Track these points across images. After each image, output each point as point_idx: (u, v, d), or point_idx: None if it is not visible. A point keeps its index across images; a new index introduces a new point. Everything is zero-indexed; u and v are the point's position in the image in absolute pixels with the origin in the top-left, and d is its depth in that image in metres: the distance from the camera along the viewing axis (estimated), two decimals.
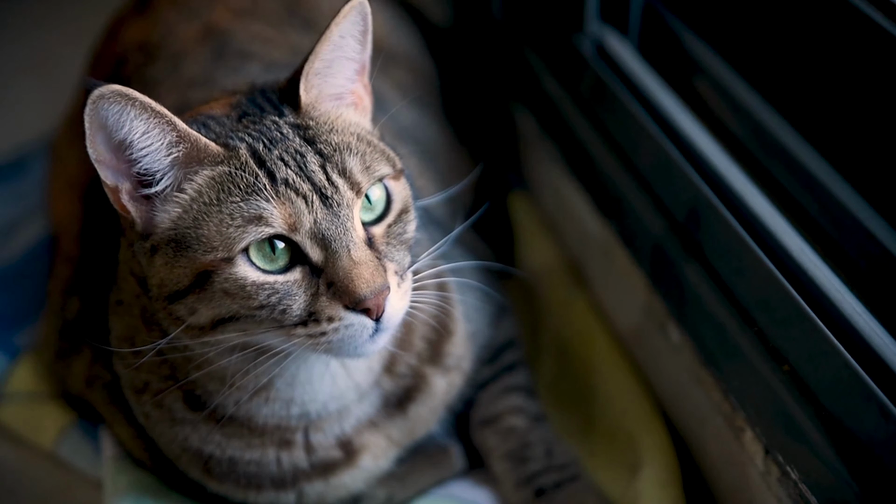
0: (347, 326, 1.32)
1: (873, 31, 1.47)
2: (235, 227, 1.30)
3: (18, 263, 2.19)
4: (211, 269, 1.31)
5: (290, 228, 1.30)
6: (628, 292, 1.86)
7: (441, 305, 1.56)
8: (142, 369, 1.51)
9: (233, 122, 1.38)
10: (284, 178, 1.31)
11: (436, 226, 1.71)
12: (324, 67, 1.40)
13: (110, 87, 1.26)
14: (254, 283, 1.31)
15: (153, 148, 1.31)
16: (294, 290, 1.32)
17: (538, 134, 2.18)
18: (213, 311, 1.33)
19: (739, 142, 1.73)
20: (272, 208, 1.30)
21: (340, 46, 1.39)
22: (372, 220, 1.38)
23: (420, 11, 2.33)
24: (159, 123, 1.30)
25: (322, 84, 1.41)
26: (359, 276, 1.30)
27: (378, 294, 1.31)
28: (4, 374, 1.94)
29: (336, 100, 1.43)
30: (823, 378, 1.41)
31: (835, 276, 1.48)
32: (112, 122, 1.28)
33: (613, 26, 2.00)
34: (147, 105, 1.28)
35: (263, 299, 1.31)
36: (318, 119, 1.40)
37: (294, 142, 1.35)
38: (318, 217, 1.31)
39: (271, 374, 1.42)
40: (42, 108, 2.48)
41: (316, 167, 1.33)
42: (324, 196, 1.32)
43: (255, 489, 1.58)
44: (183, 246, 1.32)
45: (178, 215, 1.34)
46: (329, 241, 1.31)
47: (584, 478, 1.70)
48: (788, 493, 1.46)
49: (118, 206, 1.35)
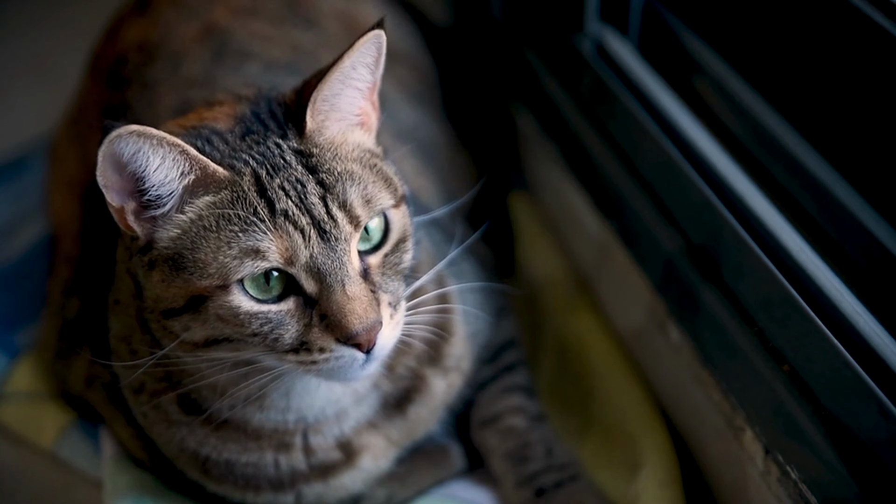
0: (338, 358, 1.33)
1: (873, 31, 1.47)
2: (232, 258, 1.29)
3: (18, 263, 2.19)
4: (206, 294, 1.31)
5: (286, 262, 1.30)
6: (628, 292, 1.86)
7: (439, 311, 1.56)
8: (137, 369, 1.51)
9: (236, 139, 1.37)
10: (284, 209, 1.31)
11: (436, 227, 1.71)
12: (332, 95, 1.38)
13: (128, 128, 1.25)
14: (247, 312, 1.31)
15: (166, 178, 1.31)
16: (287, 320, 1.32)
17: (538, 134, 2.18)
18: (206, 331, 1.34)
19: (739, 142, 1.73)
20: (269, 242, 1.29)
21: (351, 77, 1.38)
22: (368, 249, 1.38)
23: (420, 11, 2.33)
24: (173, 155, 1.29)
25: (329, 110, 1.39)
26: (352, 312, 1.30)
27: (370, 330, 1.32)
28: (4, 374, 1.94)
29: (341, 122, 1.41)
30: (823, 378, 1.41)
31: (835, 276, 1.48)
32: (127, 157, 1.28)
33: (613, 26, 2.00)
34: (162, 139, 1.27)
35: (256, 328, 1.32)
36: (322, 145, 1.38)
37: (296, 170, 1.34)
38: (314, 252, 1.30)
39: (266, 387, 1.42)
40: (42, 108, 2.48)
41: (316, 199, 1.32)
42: (322, 230, 1.31)
43: (253, 490, 1.58)
44: (180, 266, 1.32)
45: (176, 235, 1.33)
46: (324, 275, 1.31)
47: (584, 478, 1.70)
48: (788, 492, 1.46)
49: (123, 224, 1.35)
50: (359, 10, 2.08)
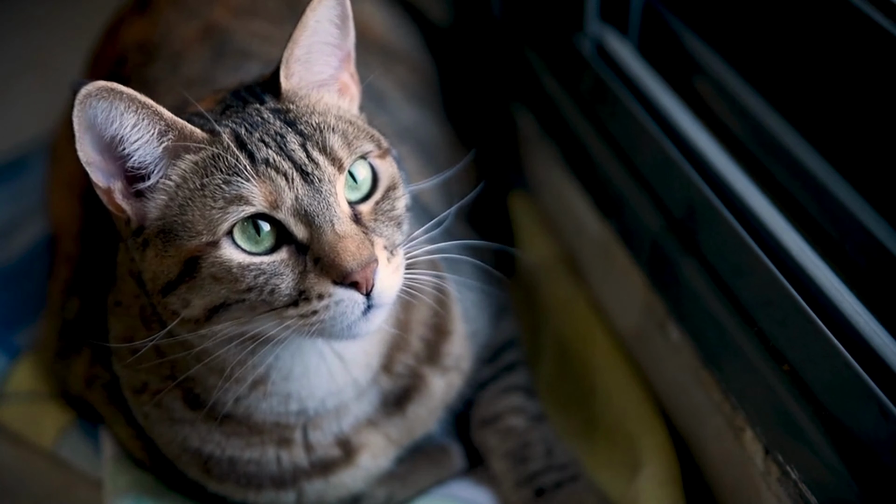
0: (338, 303, 1.31)
1: (873, 31, 1.47)
2: (218, 209, 1.30)
3: (18, 263, 2.19)
4: (198, 254, 1.31)
5: (271, 206, 1.31)
6: (628, 292, 1.86)
7: (438, 293, 1.55)
8: (141, 369, 1.51)
9: (216, 114, 1.39)
10: (265, 157, 1.32)
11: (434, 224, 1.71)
12: (303, 54, 1.40)
13: (96, 84, 1.26)
14: (240, 264, 1.31)
15: (144, 139, 1.32)
16: (281, 270, 1.32)
17: (538, 134, 2.18)
18: (204, 299, 1.33)
19: (739, 141, 1.73)
20: (252, 187, 1.30)
21: (318, 31, 1.40)
22: (359, 199, 1.38)
23: (420, 11, 2.33)
24: (148, 114, 1.30)
25: (303, 71, 1.41)
26: (344, 250, 1.30)
27: (365, 266, 1.30)
28: (4, 374, 1.95)
29: (319, 86, 1.43)
30: (823, 378, 1.41)
31: (835, 276, 1.48)
32: (101, 119, 1.29)
33: (613, 26, 2.00)
34: (134, 97, 1.29)
35: (251, 281, 1.31)
36: (300, 103, 1.40)
37: (274, 125, 1.36)
38: (299, 193, 1.31)
39: (267, 361, 1.42)
40: (42, 108, 2.48)
41: (296, 146, 1.33)
42: (304, 172, 1.32)
43: (254, 488, 1.58)
44: (171, 235, 1.33)
45: (164, 203, 1.34)
46: (312, 216, 1.31)
47: (584, 477, 1.70)
48: (788, 492, 1.46)
49: (112, 206, 1.36)
50: (359, 10, 2.07)
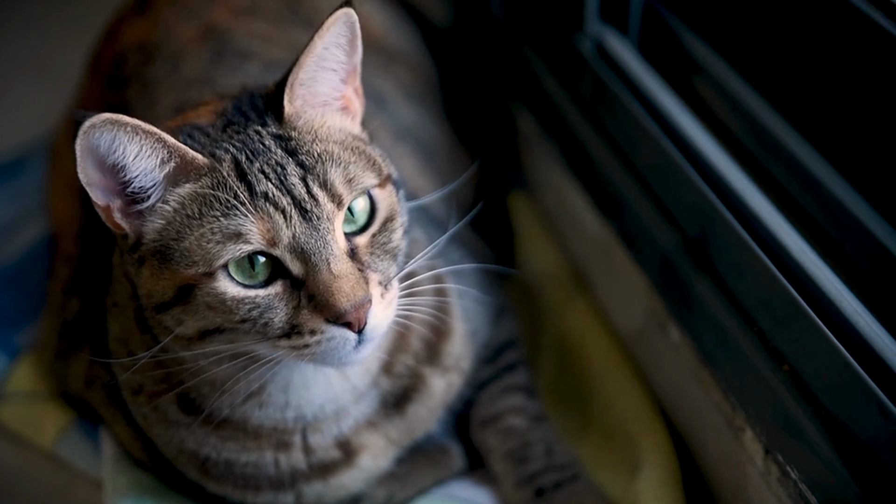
0: (329, 339, 1.32)
1: (873, 31, 1.47)
2: (215, 243, 1.30)
3: (18, 263, 2.19)
4: (193, 283, 1.31)
5: (268, 243, 1.30)
6: (628, 292, 1.86)
7: (438, 307, 1.56)
8: (137, 371, 1.51)
9: (217, 131, 1.38)
10: (264, 191, 1.31)
11: (434, 225, 1.71)
12: (308, 78, 1.39)
13: (100, 117, 1.25)
14: (234, 297, 1.31)
15: (146, 167, 1.31)
16: (275, 304, 1.32)
17: (538, 134, 2.18)
18: (198, 322, 1.34)
19: (739, 141, 1.73)
20: (250, 224, 1.29)
21: (325, 57, 1.39)
22: (355, 231, 1.37)
23: (420, 11, 2.33)
24: (151, 143, 1.29)
25: (306, 94, 1.40)
26: (339, 290, 1.30)
27: (359, 308, 1.31)
28: (4, 374, 1.94)
29: (322, 106, 1.42)
30: (823, 378, 1.41)
31: (835, 276, 1.48)
32: (104, 148, 1.28)
33: (613, 26, 2.00)
34: (138, 127, 1.28)
35: (244, 313, 1.32)
36: (301, 129, 1.39)
37: (276, 154, 1.34)
38: (296, 231, 1.30)
39: (263, 379, 1.42)
40: (42, 108, 2.48)
41: (296, 180, 1.32)
42: (303, 209, 1.31)
43: (253, 490, 1.58)
44: (167, 258, 1.33)
45: (161, 227, 1.34)
46: (309, 254, 1.31)
47: (584, 478, 1.70)
48: (788, 492, 1.46)
49: (110, 223, 1.36)
50: (359, 10, 2.07)
